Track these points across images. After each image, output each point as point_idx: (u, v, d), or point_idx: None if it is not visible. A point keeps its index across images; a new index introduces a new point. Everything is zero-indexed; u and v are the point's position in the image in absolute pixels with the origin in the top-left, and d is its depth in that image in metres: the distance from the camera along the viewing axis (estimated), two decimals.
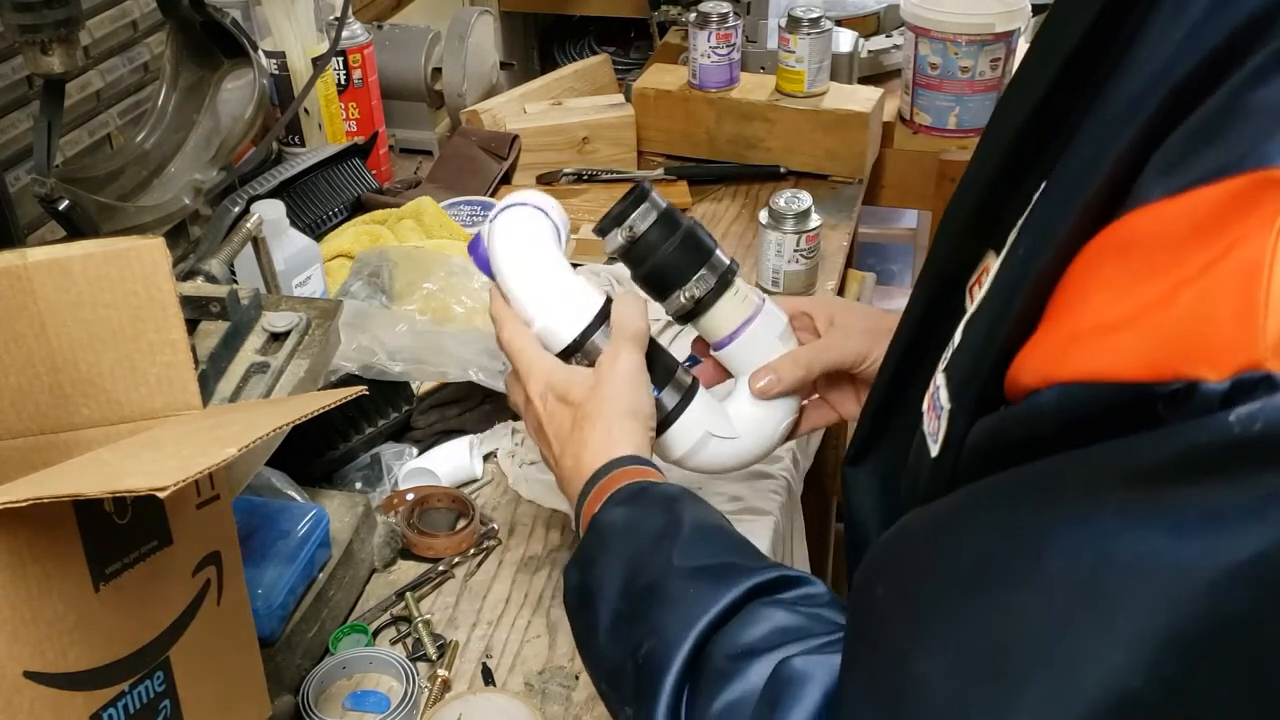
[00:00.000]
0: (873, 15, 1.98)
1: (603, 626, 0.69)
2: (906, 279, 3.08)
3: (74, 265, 0.69)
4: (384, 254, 1.29)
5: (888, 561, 0.53)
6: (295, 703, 0.91)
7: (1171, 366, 0.38)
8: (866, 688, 0.50)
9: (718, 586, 0.63)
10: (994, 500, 0.46)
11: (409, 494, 1.11)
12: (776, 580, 0.64)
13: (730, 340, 0.91)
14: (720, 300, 0.89)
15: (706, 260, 0.89)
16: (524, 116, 1.71)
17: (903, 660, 0.47)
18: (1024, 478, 0.45)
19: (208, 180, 1.31)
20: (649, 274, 0.89)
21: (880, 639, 0.50)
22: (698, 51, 1.69)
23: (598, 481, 0.78)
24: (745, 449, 0.91)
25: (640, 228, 0.87)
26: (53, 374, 0.70)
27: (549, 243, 0.86)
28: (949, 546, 0.48)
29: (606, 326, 0.85)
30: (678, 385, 0.88)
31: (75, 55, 1.06)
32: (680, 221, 0.88)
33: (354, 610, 1.02)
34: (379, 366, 1.12)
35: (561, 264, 0.86)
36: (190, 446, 0.60)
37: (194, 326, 0.90)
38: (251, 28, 1.55)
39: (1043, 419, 0.44)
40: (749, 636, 0.61)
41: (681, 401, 0.87)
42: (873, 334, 0.91)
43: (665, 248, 0.87)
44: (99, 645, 0.60)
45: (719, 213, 1.64)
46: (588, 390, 0.83)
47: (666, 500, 0.74)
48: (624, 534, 0.73)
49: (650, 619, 0.65)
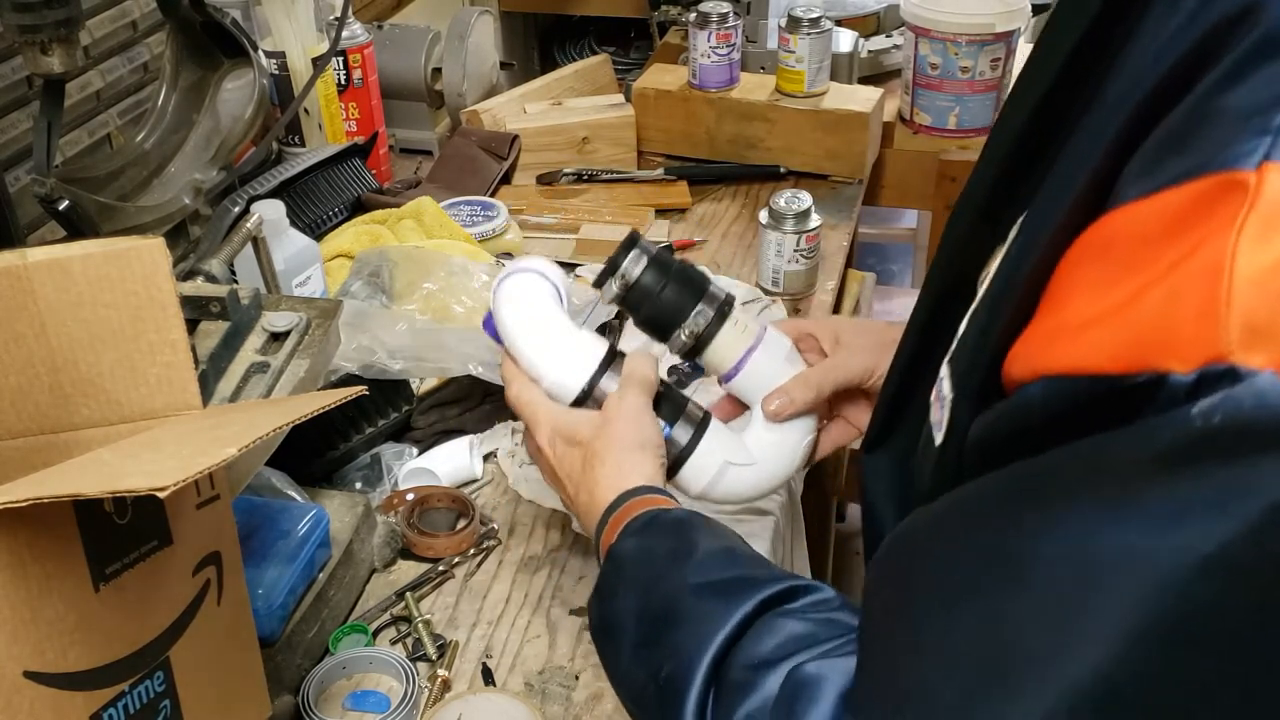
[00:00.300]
0: (873, 15, 1.98)
1: (625, 653, 0.70)
2: (907, 279, 3.08)
3: (74, 265, 0.69)
4: (384, 254, 1.29)
5: (893, 564, 0.54)
6: (295, 703, 0.91)
7: (1142, 359, 0.40)
8: (876, 689, 0.52)
9: (730, 603, 0.65)
10: (986, 501, 0.48)
11: (409, 494, 1.11)
12: (787, 590, 0.65)
13: (737, 371, 0.92)
14: (721, 332, 0.91)
15: (702, 295, 0.91)
16: (524, 116, 1.71)
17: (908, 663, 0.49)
18: (1013, 476, 0.46)
19: (208, 180, 1.31)
20: (649, 316, 0.91)
21: (887, 642, 0.52)
22: (698, 51, 1.69)
23: (612, 514, 0.80)
24: (766, 474, 0.92)
25: (633, 273, 0.89)
26: (53, 374, 0.70)
27: (550, 303, 0.89)
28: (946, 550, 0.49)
29: (612, 372, 0.87)
30: (689, 419, 0.90)
31: (75, 55, 1.06)
32: (671, 263, 0.91)
33: (354, 610, 1.02)
34: (379, 365, 1.12)
35: (563, 321, 0.89)
36: (190, 446, 0.60)
37: (194, 326, 0.90)
38: (251, 28, 1.55)
39: (1030, 412, 0.45)
40: (763, 648, 0.62)
41: (695, 435, 0.89)
42: (878, 348, 0.92)
43: (660, 289, 0.90)
44: (99, 645, 0.60)
45: (719, 213, 1.64)
46: (594, 429, 0.84)
47: (676, 524, 0.76)
48: (637, 562, 0.74)
49: (668, 641, 0.67)
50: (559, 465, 0.86)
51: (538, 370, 0.87)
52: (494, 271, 1.30)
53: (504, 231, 1.43)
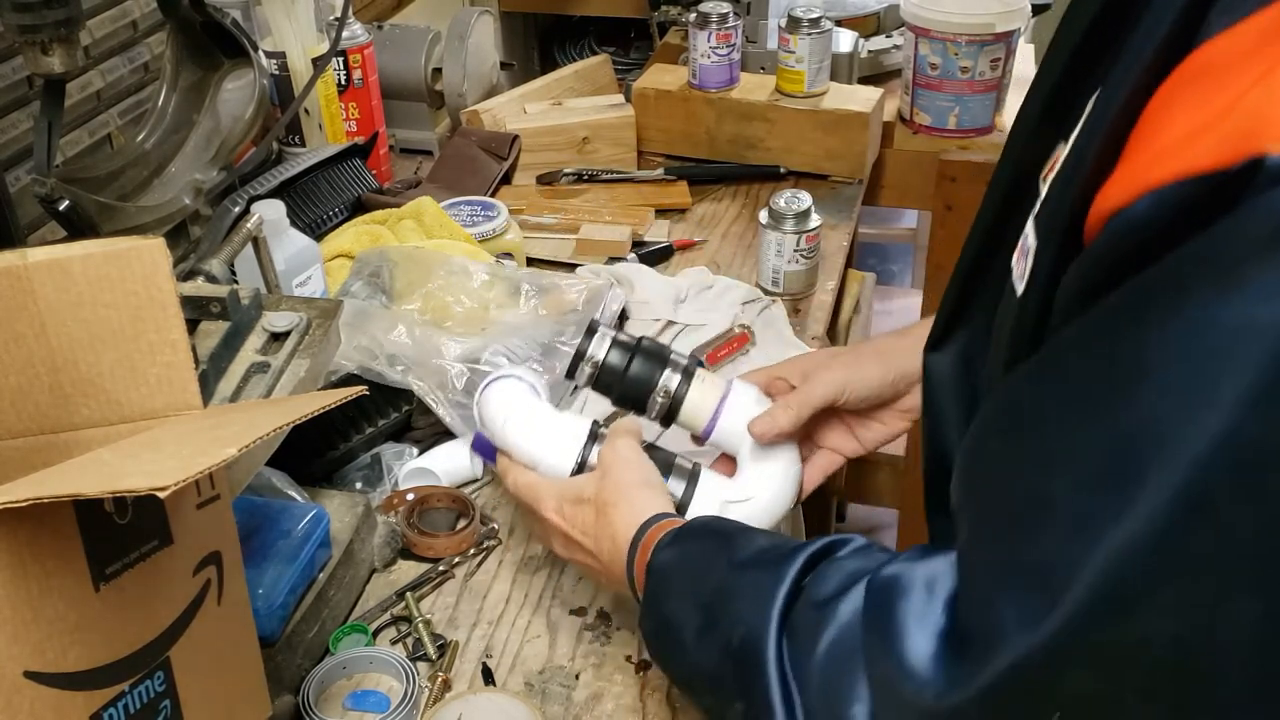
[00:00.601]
0: (873, 15, 1.98)
1: (689, 644, 0.72)
2: (907, 279, 3.08)
3: (74, 265, 0.69)
4: (384, 254, 1.29)
5: (996, 420, 0.55)
6: (295, 703, 0.91)
7: (1241, 150, 0.41)
8: (993, 539, 0.52)
9: (780, 565, 0.67)
10: (1091, 329, 0.48)
11: (409, 494, 1.11)
12: (830, 544, 0.68)
13: (714, 424, 0.97)
14: (690, 391, 0.97)
15: (666, 362, 0.98)
16: (524, 117, 1.71)
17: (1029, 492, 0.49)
18: (1119, 298, 0.47)
19: (208, 180, 1.31)
20: (623, 391, 0.98)
21: (1005, 489, 0.52)
22: (698, 52, 1.69)
23: (638, 543, 0.81)
24: (764, 507, 0.96)
25: (600, 355, 0.97)
26: (53, 374, 0.70)
27: (529, 397, 0.96)
28: (1057, 380, 0.50)
29: (600, 443, 0.93)
30: (681, 471, 0.95)
31: (75, 55, 1.06)
32: (633, 339, 0.99)
33: (354, 610, 1.02)
34: (378, 370, 1.12)
35: (546, 410, 0.96)
36: (190, 446, 0.60)
37: (194, 326, 0.90)
38: (252, 28, 1.55)
39: (1133, 232, 0.46)
40: (826, 588, 0.63)
41: (689, 484, 0.94)
42: (845, 364, 0.96)
43: (627, 364, 0.97)
44: (99, 645, 0.60)
45: (719, 213, 1.64)
46: (597, 482, 0.88)
47: (704, 527, 0.81)
48: (679, 566, 0.77)
49: (729, 615, 0.68)
50: (572, 527, 0.88)
51: (533, 458, 0.93)
52: (494, 271, 1.31)
53: (504, 231, 1.43)
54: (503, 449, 0.95)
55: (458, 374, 1.15)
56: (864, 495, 2.38)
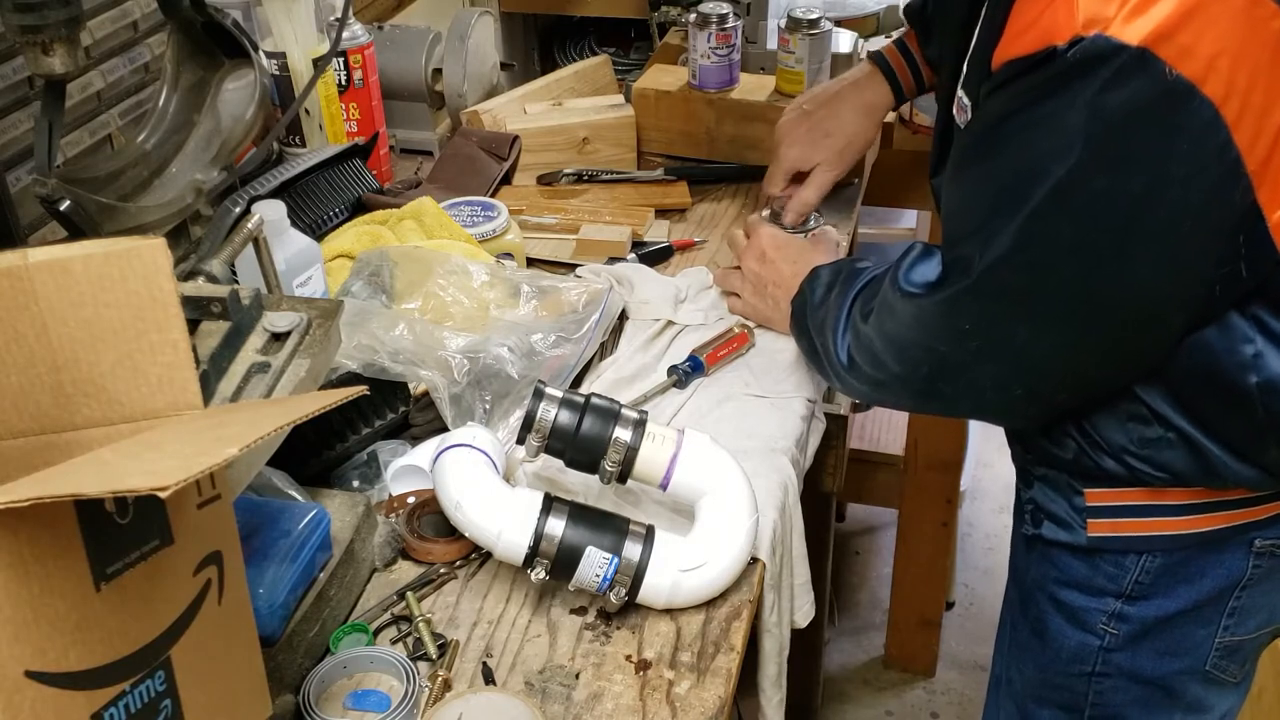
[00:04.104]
0: (872, 16, 1.98)
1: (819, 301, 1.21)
2: None
3: (75, 265, 0.69)
4: (384, 254, 1.29)
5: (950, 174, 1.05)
6: (296, 702, 0.91)
7: (1044, 41, 0.85)
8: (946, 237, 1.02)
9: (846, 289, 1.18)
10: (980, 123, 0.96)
11: (409, 497, 1.11)
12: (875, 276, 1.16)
13: (669, 476, 1.01)
14: (643, 445, 1.01)
15: (616, 418, 1.01)
16: (524, 117, 1.71)
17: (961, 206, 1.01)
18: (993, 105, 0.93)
19: (209, 180, 1.31)
20: (575, 453, 1.01)
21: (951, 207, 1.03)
22: (697, 52, 1.69)
23: None
24: (717, 572, 1.00)
25: (549, 419, 1.00)
26: (54, 374, 0.70)
27: (482, 471, 1.00)
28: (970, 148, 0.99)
29: (555, 514, 0.97)
30: (635, 537, 0.98)
31: (76, 56, 1.06)
32: (578, 398, 1.02)
33: (355, 610, 1.02)
34: (380, 365, 1.13)
35: (497, 486, 0.99)
36: (191, 446, 0.60)
37: (195, 326, 0.90)
38: (252, 28, 1.55)
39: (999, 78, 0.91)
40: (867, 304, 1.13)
41: (645, 548, 0.97)
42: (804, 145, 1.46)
43: (578, 423, 1.00)
44: (100, 645, 0.60)
45: (719, 213, 1.64)
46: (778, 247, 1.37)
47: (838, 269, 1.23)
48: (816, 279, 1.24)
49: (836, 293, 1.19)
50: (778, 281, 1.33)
51: (489, 537, 0.97)
52: (494, 271, 1.31)
53: (504, 232, 1.43)
54: (458, 525, 0.99)
55: (459, 363, 1.15)
56: (864, 495, 2.38)
